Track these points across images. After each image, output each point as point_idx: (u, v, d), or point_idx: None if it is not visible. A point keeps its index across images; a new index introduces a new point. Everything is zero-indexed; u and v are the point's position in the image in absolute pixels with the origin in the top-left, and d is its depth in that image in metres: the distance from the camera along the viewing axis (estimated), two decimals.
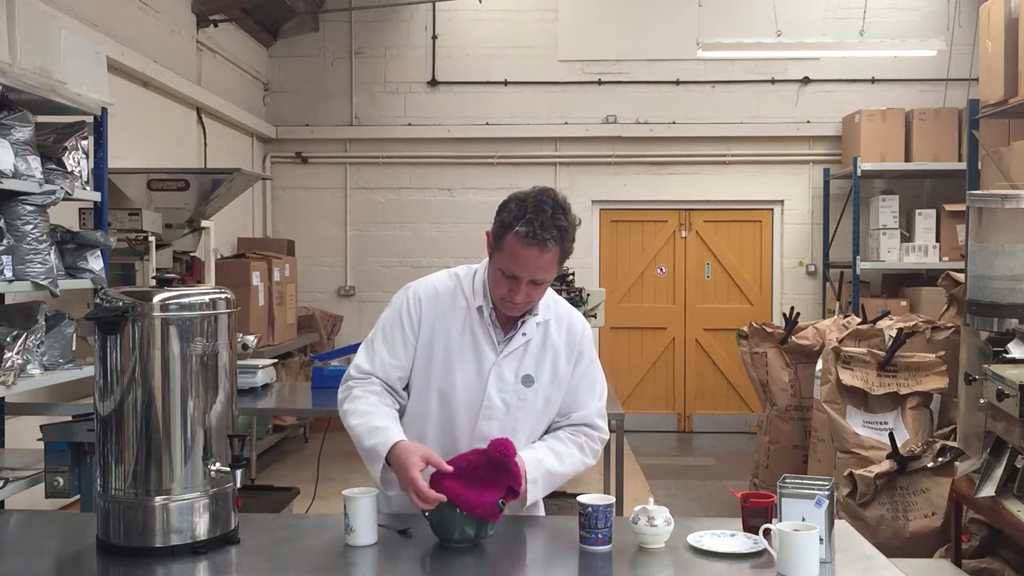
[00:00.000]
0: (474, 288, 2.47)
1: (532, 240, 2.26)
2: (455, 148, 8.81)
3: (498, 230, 2.34)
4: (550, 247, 2.28)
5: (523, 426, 2.46)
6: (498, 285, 2.37)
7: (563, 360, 2.49)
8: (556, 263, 2.35)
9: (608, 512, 2.19)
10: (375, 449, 2.31)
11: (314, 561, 2.14)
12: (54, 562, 2.22)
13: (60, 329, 4.01)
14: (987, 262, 3.59)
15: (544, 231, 2.26)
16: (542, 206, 2.28)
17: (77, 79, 4.18)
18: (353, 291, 8.94)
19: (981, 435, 3.54)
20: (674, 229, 9.04)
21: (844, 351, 5.02)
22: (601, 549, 2.18)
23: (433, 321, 2.45)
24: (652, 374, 9.03)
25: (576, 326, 2.54)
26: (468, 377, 2.43)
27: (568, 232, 2.32)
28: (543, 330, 2.48)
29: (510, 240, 2.29)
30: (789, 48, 7.48)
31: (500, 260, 2.34)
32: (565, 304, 2.59)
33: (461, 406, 2.43)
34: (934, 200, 8.27)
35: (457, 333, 2.44)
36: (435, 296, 2.48)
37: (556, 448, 2.45)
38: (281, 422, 7.54)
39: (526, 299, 2.36)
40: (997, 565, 3.76)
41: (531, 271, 2.30)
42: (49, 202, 3.88)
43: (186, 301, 2.16)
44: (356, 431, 2.40)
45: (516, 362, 2.45)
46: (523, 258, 2.28)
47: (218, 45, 7.77)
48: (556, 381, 2.49)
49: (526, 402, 2.45)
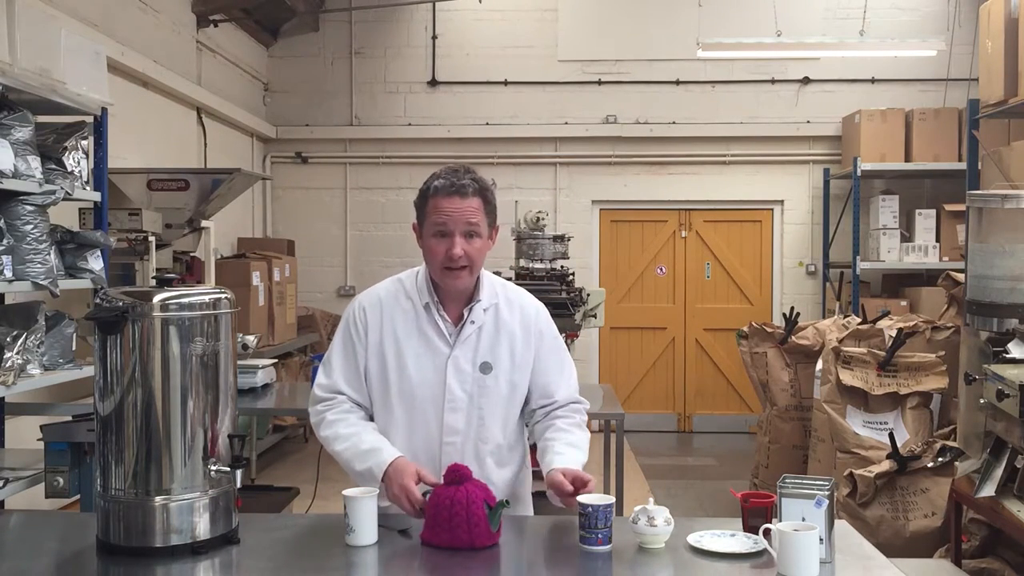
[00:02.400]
0: (417, 286, 2.52)
1: (452, 189, 2.39)
2: (455, 148, 8.80)
3: (420, 200, 2.47)
4: (469, 192, 2.40)
5: (490, 414, 2.48)
6: (435, 254, 2.42)
7: (520, 343, 2.51)
8: (483, 214, 2.42)
9: (608, 512, 2.18)
10: (370, 472, 2.36)
11: (314, 561, 2.14)
12: (54, 562, 2.22)
13: (60, 329, 4.01)
14: (987, 262, 3.59)
15: (460, 180, 2.40)
16: (454, 168, 2.46)
17: (77, 79, 4.18)
18: (353, 291, 8.94)
19: (981, 435, 3.55)
20: (674, 229, 9.04)
21: (844, 351, 5.02)
22: (601, 549, 2.18)
23: (380, 326, 2.50)
24: (652, 374, 9.03)
25: (528, 308, 2.57)
26: (425, 373, 2.46)
27: (485, 184, 2.45)
28: (494, 315, 2.51)
29: (431, 200, 2.42)
30: (789, 48, 7.48)
31: (429, 226, 2.43)
32: (515, 288, 2.62)
33: (424, 403, 2.46)
34: (934, 200, 8.27)
35: (405, 333, 2.48)
36: (378, 303, 2.54)
37: (571, 441, 2.47)
38: (281, 422, 7.54)
39: (465, 256, 2.40)
40: (997, 565, 3.76)
41: (459, 219, 2.39)
42: (49, 202, 3.88)
43: (186, 301, 2.16)
44: (344, 456, 2.44)
45: (471, 351, 2.47)
46: (447, 208, 2.39)
47: (218, 45, 7.77)
48: (516, 365, 2.50)
49: (488, 389, 2.47)
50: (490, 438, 2.48)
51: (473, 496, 2.19)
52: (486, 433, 2.47)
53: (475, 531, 2.17)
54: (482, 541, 2.18)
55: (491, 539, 2.20)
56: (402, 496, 2.28)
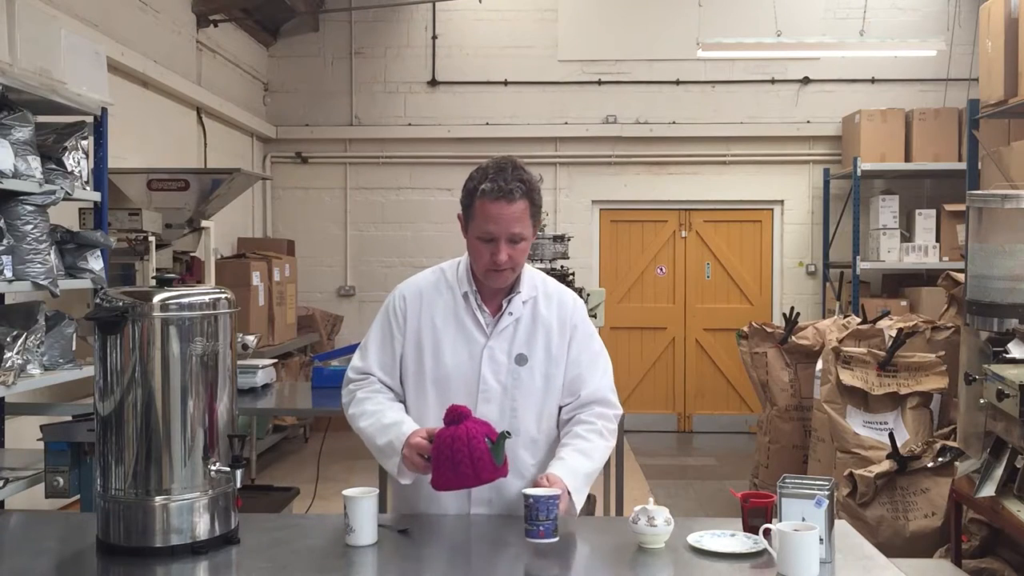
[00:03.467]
0: (458, 276, 2.53)
1: (499, 194, 2.36)
2: (455, 148, 8.80)
3: (466, 199, 2.44)
4: (517, 197, 2.37)
5: (524, 406, 2.47)
6: (480, 256, 2.42)
7: (556, 336, 2.50)
8: (528, 217, 2.41)
9: (551, 504, 2.16)
10: (390, 445, 2.36)
11: (314, 561, 2.14)
12: (54, 562, 2.22)
13: (60, 329, 4.01)
14: (987, 262, 3.58)
15: (508, 184, 2.36)
16: (502, 166, 2.40)
17: (77, 79, 4.18)
18: (353, 291, 8.94)
19: (981, 435, 3.54)
20: (674, 229, 9.04)
21: (844, 351, 5.02)
22: (543, 541, 2.16)
23: (418, 315, 2.51)
24: (652, 374, 9.03)
25: (567, 302, 2.56)
26: (461, 363, 2.46)
27: (532, 185, 2.41)
28: (532, 308, 2.51)
29: (478, 203, 2.39)
30: (789, 48, 7.48)
31: (474, 228, 2.42)
32: (555, 282, 2.61)
33: (458, 392, 2.45)
34: (934, 200, 8.27)
35: (443, 322, 2.49)
36: (418, 292, 2.54)
37: (582, 448, 2.44)
38: (281, 422, 7.54)
39: (509, 260, 2.39)
40: (997, 565, 3.76)
41: (505, 225, 2.37)
42: (49, 202, 3.88)
43: (186, 301, 2.16)
44: (367, 432, 2.45)
45: (507, 342, 2.48)
46: (494, 214, 2.36)
47: (218, 45, 7.77)
48: (551, 358, 2.49)
49: (522, 381, 2.47)
50: (523, 430, 2.46)
51: (473, 432, 2.19)
52: (519, 425, 2.45)
53: (479, 465, 2.17)
54: (488, 475, 2.18)
55: (496, 473, 2.20)
56: (412, 454, 2.29)
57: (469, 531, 2.40)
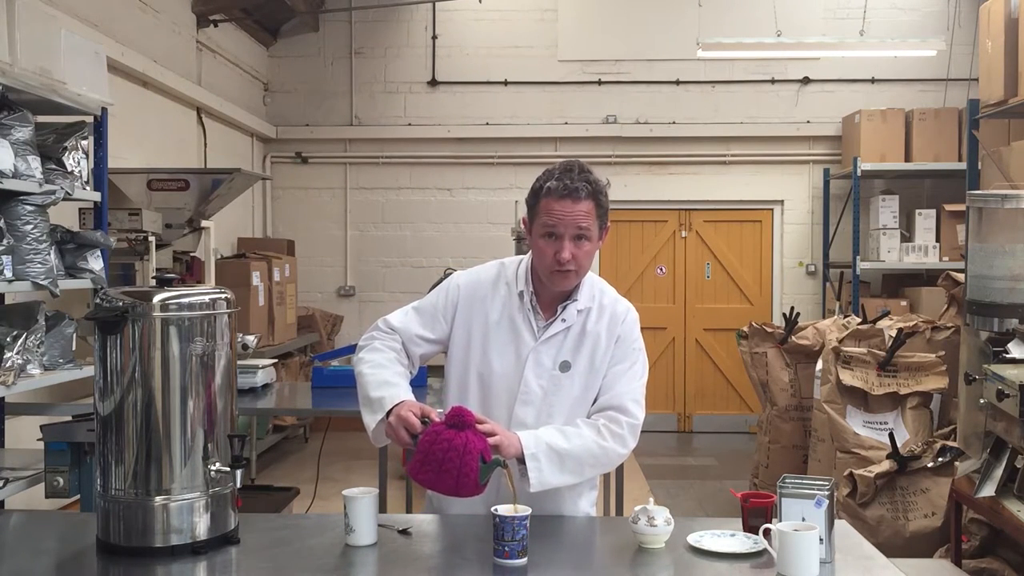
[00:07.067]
0: (517, 274, 2.51)
1: (564, 192, 2.35)
2: (455, 148, 8.80)
3: (531, 198, 2.43)
4: (583, 196, 2.36)
5: (559, 412, 2.45)
6: (543, 255, 2.40)
7: (602, 348, 2.48)
8: (594, 217, 2.40)
9: (519, 525, 2.04)
10: (380, 401, 2.33)
11: (314, 561, 2.13)
12: (54, 562, 2.22)
13: (60, 329, 4.01)
14: (987, 262, 3.58)
15: (574, 183, 2.36)
16: (569, 166, 2.40)
17: (77, 79, 4.18)
18: (353, 291, 8.94)
19: (981, 435, 3.54)
20: (674, 229, 9.04)
21: (844, 351, 5.02)
22: (508, 563, 2.04)
23: (470, 307, 2.49)
24: (652, 374, 8.74)
25: (619, 313, 2.54)
26: (506, 362, 2.45)
27: (599, 186, 2.41)
28: (584, 318, 2.48)
29: (543, 201, 2.38)
30: (789, 48, 7.48)
31: (539, 226, 2.40)
32: (613, 293, 2.59)
33: (499, 391, 2.45)
34: (934, 200, 8.27)
35: (495, 318, 2.48)
36: (476, 284, 2.53)
37: (563, 429, 2.39)
38: (281, 422, 7.54)
39: (573, 260, 2.38)
40: (997, 565, 3.77)
41: (569, 222, 2.36)
42: (49, 202, 3.88)
43: (186, 301, 2.16)
44: (365, 378, 2.42)
45: (555, 348, 2.46)
46: (559, 211, 2.36)
47: (218, 45, 7.77)
48: (594, 368, 2.47)
49: (562, 388, 2.45)
50: None
51: (471, 446, 2.14)
52: None
53: (462, 480, 2.13)
54: (467, 492, 2.15)
55: (476, 491, 2.17)
56: (399, 426, 2.24)
57: (469, 531, 2.40)
